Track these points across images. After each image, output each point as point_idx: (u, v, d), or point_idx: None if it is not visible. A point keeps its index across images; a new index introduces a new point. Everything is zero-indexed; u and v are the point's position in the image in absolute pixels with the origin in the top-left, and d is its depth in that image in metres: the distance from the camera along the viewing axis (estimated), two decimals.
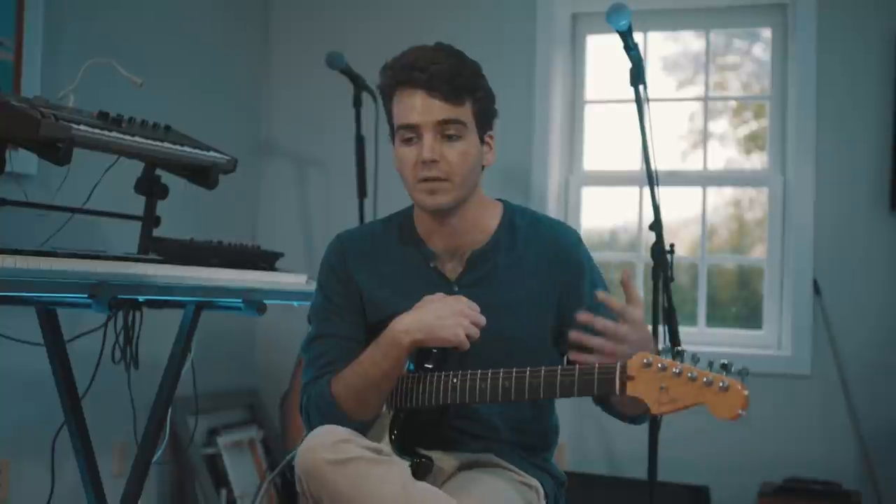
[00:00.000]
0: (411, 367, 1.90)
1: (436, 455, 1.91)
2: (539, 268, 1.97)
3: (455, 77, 1.88)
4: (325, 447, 1.73)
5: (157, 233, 2.61)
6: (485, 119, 1.96)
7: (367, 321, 2.01)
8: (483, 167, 1.99)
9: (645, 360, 1.61)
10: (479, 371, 1.79)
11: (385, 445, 1.83)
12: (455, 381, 1.81)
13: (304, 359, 2.04)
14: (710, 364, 1.59)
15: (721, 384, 1.54)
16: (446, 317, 1.79)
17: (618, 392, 1.64)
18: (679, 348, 1.64)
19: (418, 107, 1.88)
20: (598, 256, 4.13)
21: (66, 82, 2.58)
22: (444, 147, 1.89)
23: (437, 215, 1.95)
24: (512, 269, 1.97)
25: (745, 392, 1.54)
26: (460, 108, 1.89)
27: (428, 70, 1.86)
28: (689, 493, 3.52)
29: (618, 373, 1.64)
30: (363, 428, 1.91)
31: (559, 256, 1.97)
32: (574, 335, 1.73)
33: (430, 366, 1.87)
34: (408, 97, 1.89)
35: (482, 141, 1.96)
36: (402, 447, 1.87)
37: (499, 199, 2.07)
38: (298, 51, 4.34)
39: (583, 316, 1.74)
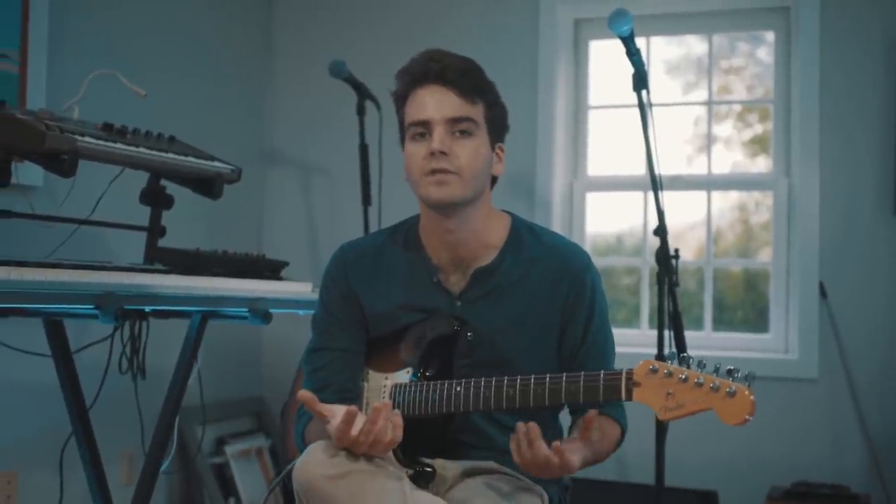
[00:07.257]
0: (415, 376, 1.90)
1: (438, 463, 1.91)
2: (544, 288, 1.95)
3: (469, 72, 1.90)
4: (321, 462, 1.73)
5: (162, 243, 2.62)
6: (497, 128, 1.96)
7: (368, 334, 2.01)
8: (494, 177, 1.98)
9: (651, 367, 1.61)
10: (483, 379, 1.79)
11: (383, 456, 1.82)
12: (459, 389, 1.82)
13: (304, 370, 2.04)
14: (717, 369, 1.58)
15: (728, 390, 1.54)
16: None
17: (624, 398, 1.64)
18: (684, 354, 1.63)
19: (432, 102, 1.88)
20: (603, 262, 4.19)
21: (71, 94, 2.59)
22: (455, 143, 1.87)
23: (442, 213, 1.91)
24: (516, 287, 1.95)
25: (752, 397, 1.54)
26: (473, 108, 1.89)
27: (442, 61, 1.89)
28: (698, 497, 3.51)
29: (623, 379, 1.64)
30: None
31: (565, 278, 1.95)
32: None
33: (429, 373, 1.88)
34: (422, 94, 1.90)
35: (492, 149, 1.95)
36: (405, 456, 1.87)
37: (506, 211, 2.05)
38: (302, 59, 4.35)
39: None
